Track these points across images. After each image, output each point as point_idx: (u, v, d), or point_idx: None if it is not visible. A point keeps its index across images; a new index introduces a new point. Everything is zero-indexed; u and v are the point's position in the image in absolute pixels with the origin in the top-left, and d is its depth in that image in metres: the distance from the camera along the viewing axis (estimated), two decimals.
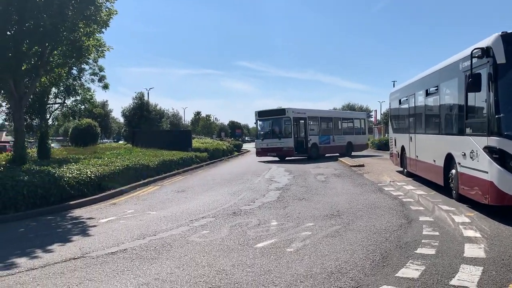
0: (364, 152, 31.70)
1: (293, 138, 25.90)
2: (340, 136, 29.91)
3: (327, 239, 6.60)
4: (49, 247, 6.76)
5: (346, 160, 23.22)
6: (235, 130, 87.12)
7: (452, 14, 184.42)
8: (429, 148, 11.87)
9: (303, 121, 26.95)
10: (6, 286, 5.02)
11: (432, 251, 5.78)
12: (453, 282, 4.62)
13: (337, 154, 28.47)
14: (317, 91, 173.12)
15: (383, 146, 33.61)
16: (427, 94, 12.10)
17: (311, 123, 27.73)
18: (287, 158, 26.84)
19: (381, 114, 74.39)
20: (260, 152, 27.43)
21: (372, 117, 74.73)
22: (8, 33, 13.09)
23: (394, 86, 35.41)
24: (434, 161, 11.09)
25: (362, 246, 6.17)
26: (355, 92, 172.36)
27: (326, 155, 28.15)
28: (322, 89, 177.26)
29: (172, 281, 4.92)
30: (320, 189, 12.52)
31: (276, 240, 6.66)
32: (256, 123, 28.44)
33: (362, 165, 19.53)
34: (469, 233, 6.73)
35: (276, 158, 27.17)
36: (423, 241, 6.34)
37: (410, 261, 5.39)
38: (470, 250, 5.78)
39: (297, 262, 5.49)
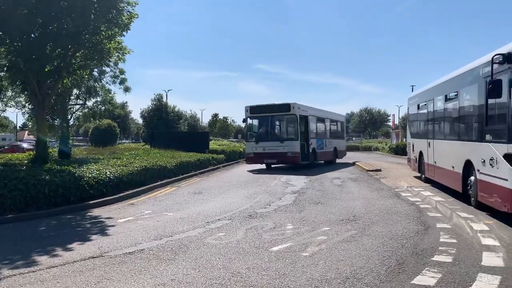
0: (382, 157, 31.28)
1: (299, 141, 20.96)
2: (329, 141, 25.60)
3: (343, 244, 6.60)
4: (69, 246, 6.91)
5: (362, 164, 23.08)
6: None
7: (474, 19, 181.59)
8: (447, 154, 11.74)
9: (305, 121, 21.99)
10: (27, 282, 5.17)
11: (449, 259, 5.73)
12: None
13: (322, 162, 24.79)
14: (335, 94, 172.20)
15: (401, 151, 33.27)
16: (446, 99, 11.97)
17: (311, 123, 22.87)
18: (273, 166, 22.34)
19: (399, 118, 73.73)
20: (253, 159, 21.71)
21: (390, 121, 73.99)
22: (32, 35, 13.43)
23: (412, 91, 35.01)
24: (453, 167, 10.97)
25: (378, 252, 6.16)
26: (373, 95, 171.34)
27: (318, 162, 23.96)
28: (340, 92, 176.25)
29: (188, 283, 4.99)
30: (337, 193, 12.49)
31: (291, 244, 6.68)
32: (245, 121, 22.22)
33: (379, 170, 19.39)
34: (488, 241, 6.64)
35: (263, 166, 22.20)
36: (440, 248, 6.29)
37: (426, 268, 5.36)
38: (488, 259, 5.71)
39: (312, 266, 5.51)
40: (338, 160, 26.73)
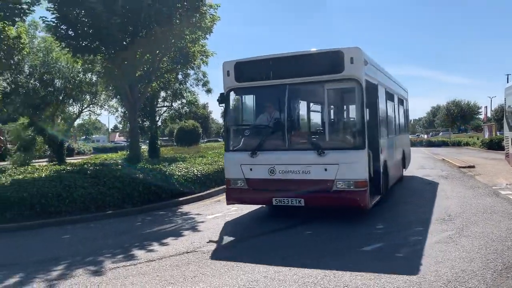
0: (474, 152, 29.10)
1: (366, 150, 7.51)
2: (399, 139, 12.73)
3: (440, 245, 6.22)
4: (164, 241, 7.26)
5: (452, 160, 21.69)
6: None
7: None
8: None
9: (373, 97, 8.42)
10: (130, 274, 5.51)
11: None
12: None
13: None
14: (416, 86, 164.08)
15: (495, 145, 30.73)
16: None
17: (381, 102, 9.27)
18: None
19: (491, 110, 68.41)
20: (244, 193, 8.22)
21: (481, 114, 69.07)
22: (124, 43, 14.35)
23: (508, 80, 32.25)
24: None
25: (480, 254, 5.72)
26: (459, 87, 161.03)
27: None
28: (422, 84, 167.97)
29: (280, 280, 5.00)
30: (427, 191, 11.84)
31: (383, 244, 6.44)
32: (224, 100, 8.46)
33: (473, 166, 18.07)
34: None
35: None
36: None
37: None
38: None
39: (408, 267, 5.25)
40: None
